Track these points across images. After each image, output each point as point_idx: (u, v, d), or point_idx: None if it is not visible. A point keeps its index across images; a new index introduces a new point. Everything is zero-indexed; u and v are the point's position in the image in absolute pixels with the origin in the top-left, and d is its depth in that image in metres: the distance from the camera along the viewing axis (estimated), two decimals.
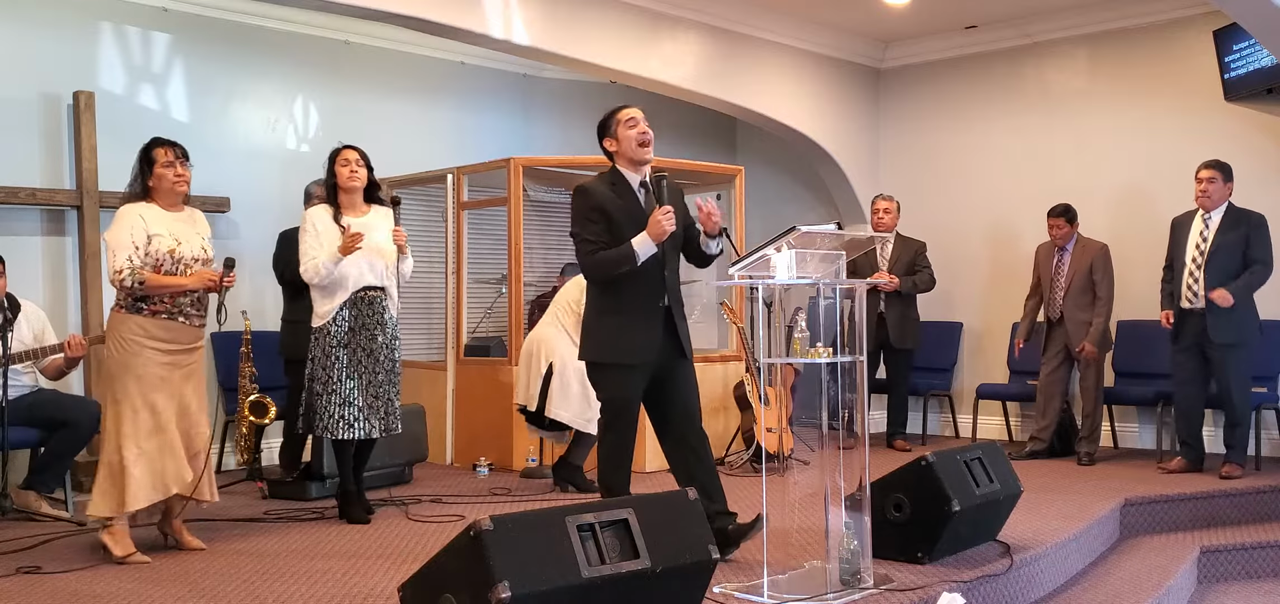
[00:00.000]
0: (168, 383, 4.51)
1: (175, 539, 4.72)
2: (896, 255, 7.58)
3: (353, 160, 5.16)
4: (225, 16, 7.14)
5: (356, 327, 5.11)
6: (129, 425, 4.43)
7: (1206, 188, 6.30)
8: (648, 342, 4.24)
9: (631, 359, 4.23)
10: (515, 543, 3.03)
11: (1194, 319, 6.30)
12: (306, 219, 5.14)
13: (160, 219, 4.54)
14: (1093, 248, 7.01)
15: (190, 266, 4.56)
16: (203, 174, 6.78)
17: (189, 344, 4.60)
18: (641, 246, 4.15)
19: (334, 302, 5.08)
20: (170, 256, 4.51)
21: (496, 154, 7.55)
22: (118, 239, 4.46)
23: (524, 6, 6.73)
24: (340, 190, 5.16)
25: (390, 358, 5.20)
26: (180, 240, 4.55)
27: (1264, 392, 6.83)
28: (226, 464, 6.94)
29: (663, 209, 4.15)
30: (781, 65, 8.27)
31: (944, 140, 8.72)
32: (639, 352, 4.23)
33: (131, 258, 4.42)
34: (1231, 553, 5.44)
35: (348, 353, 5.09)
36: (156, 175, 4.56)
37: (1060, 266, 7.06)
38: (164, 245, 4.49)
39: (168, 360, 4.52)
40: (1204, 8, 7.20)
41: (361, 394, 5.10)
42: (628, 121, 4.29)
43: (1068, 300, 6.97)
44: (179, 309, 4.55)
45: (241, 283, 6.99)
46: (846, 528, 3.90)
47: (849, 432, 3.99)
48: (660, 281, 4.25)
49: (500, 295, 7.29)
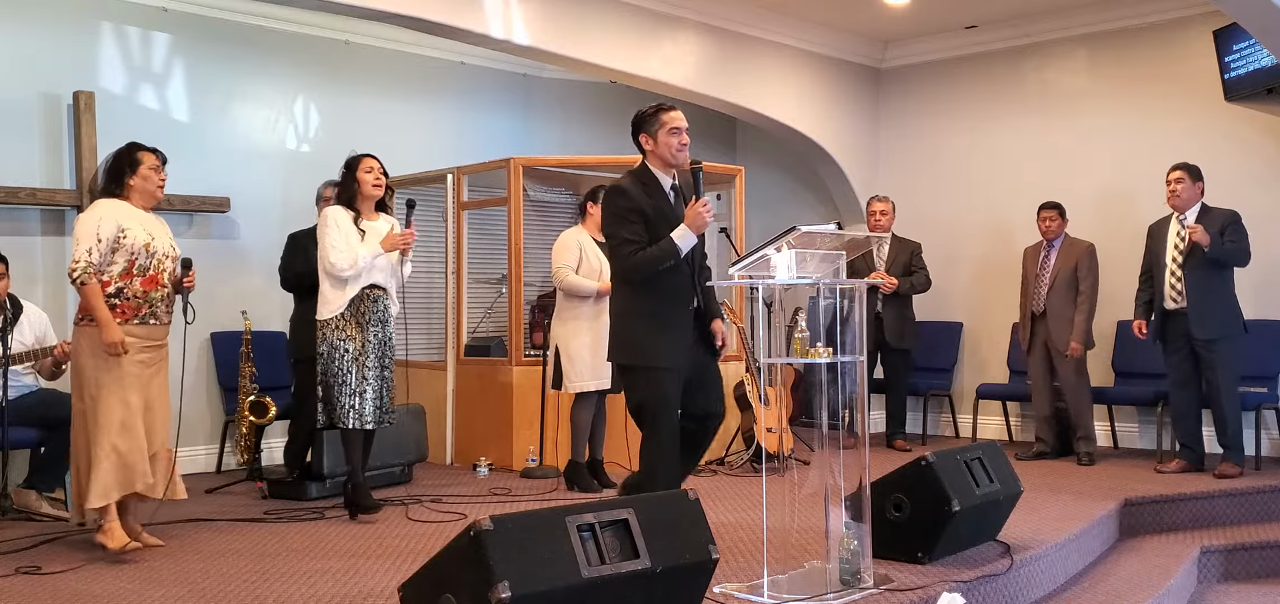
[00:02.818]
0: (137, 379, 4.56)
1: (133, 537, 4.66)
2: (893, 256, 7.59)
3: (377, 168, 5.31)
4: (225, 16, 7.14)
5: (361, 321, 5.23)
6: (103, 421, 4.47)
7: (1175, 189, 6.39)
8: (679, 343, 4.22)
9: (663, 361, 4.19)
10: (515, 543, 3.03)
11: (1178, 319, 6.34)
12: (329, 216, 5.26)
13: (133, 215, 4.61)
14: (1079, 246, 7.07)
15: (163, 261, 4.63)
16: (203, 174, 6.83)
17: (159, 342, 4.68)
18: (682, 240, 4.18)
19: (345, 295, 5.21)
20: (145, 250, 4.57)
21: (496, 154, 7.55)
22: (84, 231, 4.51)
23: (524, 6, 6.73)
24: (361, 196, 5.29)
25: (389, 353, 5.34)
26: (153, 236, 4.63)
27: (1264, 392, 6.84)
28: (227, 464, 6.94)
29: (701, 201, 4.17)
30: (781, 65, 8.27)
31: (944, 140, 8.72)
32: (671, 354, 4.20)
33: (91, 251, 4.46)
34: (1231, 553, 5.44)
35: (354, 346, 5.19)
36: (142, 177, 4.65)
37: (1046, 263, 7.12)
38: (139, 239, 4.55)
39: (140, 358, 4.57)
40: (1204, 8, 7.20)
41: (367, 383, 5.22)
42: (672, 128, 4.28)
43: (1052, 296, 7.02)
44: (151, 311, 4.61)
45: (242, 283, 7.02)
46: (846, 528, 3.90)
47: (849, 432, 3.99)
48: (691, 282, 4.29)
49: (500, 295, 7.29)
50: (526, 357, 6.79)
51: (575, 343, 6.03)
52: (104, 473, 4.44)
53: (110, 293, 4.51)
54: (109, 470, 4.45)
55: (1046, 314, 7.02)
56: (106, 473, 4.45)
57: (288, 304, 6.28)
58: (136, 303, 4.57)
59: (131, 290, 4.56)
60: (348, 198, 5.31)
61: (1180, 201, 6.38)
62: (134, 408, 4.52)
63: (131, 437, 4.51)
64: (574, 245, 6.09)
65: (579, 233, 6.19)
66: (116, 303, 4.52)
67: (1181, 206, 6.38)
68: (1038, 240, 7.26)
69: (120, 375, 4.50)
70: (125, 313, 4.54)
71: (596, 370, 6.02)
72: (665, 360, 4.19)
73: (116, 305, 4.52)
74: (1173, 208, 6.43)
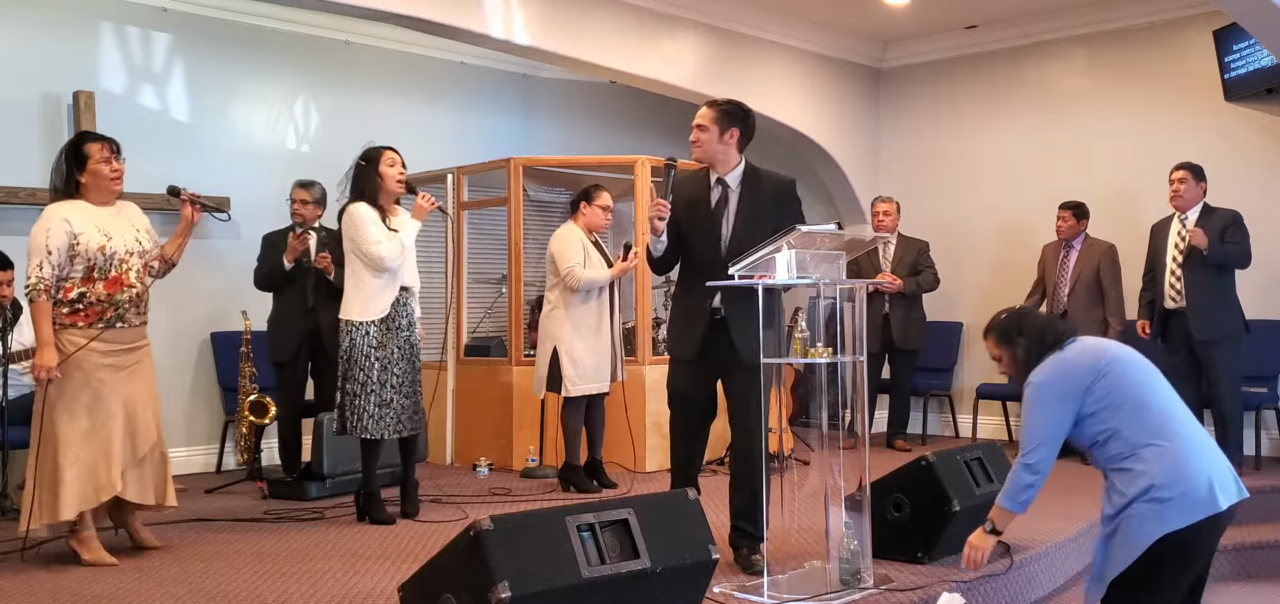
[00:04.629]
0: (108, 385, 4.37)
1: (135, 539, 4.65)
2: (899, 255, 7.58)
3: (400, 162, 5.12)
4: (225, 16, 7.14)
5: (392, 325, 5.09)
6: (65, 430, 4.30)
7: (1178, 189, 6.39)
8: (692, 339, 4.23)
9: (678, 353, 4.31)
10: (515, 543, 3.03)
11: (1178, 319, 6.34)
12: (360, 212, 5.01)
13: (87, 216, 4.36)
14: (1100, 247, 7.05)
15: (125, 261, 4.40)
16: (203, 174, 6.83)
17: (130, 344, 4.46)
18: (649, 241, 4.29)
19: (387, 298, 5.04)
20: (101, 254, 4.34)
21: (496, 154, 7.55)
22: (35, 243, 4.29)
23: (524, 6, 6.73)
24: (384, 191, 5.07)
25: (414, 356, 5.19)
26: (109, 236, 4.37)
27: (1264, 392, 6.84)
28: (226, 464, 6.94)
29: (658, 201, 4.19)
30: (781, 65, 8.27)
31: (944, 140, 8.72)
32: (684, 347, 4.28)
33: (41, 266, 4.24)
34: (1232, 553, 5.44)
35: (384, 352, 5.05)
36: (92, 172, 4.38)
37: (1066, 263, 7.10)
38: (92, 242, 4.32)
39: (108, 363, 4.37)
40: (1204, 8, 7.20)
41: (395, 392, 5.08)
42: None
43: (1073, 298, 7.01)
44: (118, 314, 4.40)
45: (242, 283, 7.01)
46: (846, 528, 3.90)
47: (849, 432, 3.99)
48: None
49: (500, 295, 7.29)
50: (526, 357, 6.78)
51: (579, 345, 5.96)
52: (68, 484, 4.28)
53: (72, 299, 4.31)
54: (74, 481, 4.29)
55: (1067, 316, 6.97)
56: (71, 484, 4.28)
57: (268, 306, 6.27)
58: (101, 307, 4.35)
59: (94, 295, 4.34)
60: (369, 194, 5.05)
61: (1182, 201, 6.37)
62: (107, 415, 4.33)
63: (98, 446, 4.34)
64: (578, 244, 6.00)
65: (576, 230, 6.09)
66: (80, 308, 4.32)
67: (1184, 206, 6.38)
68: (1051, 239, 7.23)
69: (87, 383, 4.31)
70: (90, 317, 4.33)
71: (598, 372, 6.00)
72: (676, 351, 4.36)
73: (80, 311, 4.32)
74: (1175, 208, 6.43)
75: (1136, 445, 3.31)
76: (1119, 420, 3.35)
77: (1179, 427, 3.35)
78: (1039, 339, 3.56)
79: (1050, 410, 3.43)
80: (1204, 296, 6.24)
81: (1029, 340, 3.57)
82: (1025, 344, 3.57)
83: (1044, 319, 3.71)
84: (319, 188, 6.15)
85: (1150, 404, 3.37)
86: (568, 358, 5.94)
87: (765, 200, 4.21)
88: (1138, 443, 3.31)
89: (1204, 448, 3.35)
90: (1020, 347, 3.58)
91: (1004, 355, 3.66)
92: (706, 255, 4.17)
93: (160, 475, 4.60)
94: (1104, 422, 3.37)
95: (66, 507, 4.30)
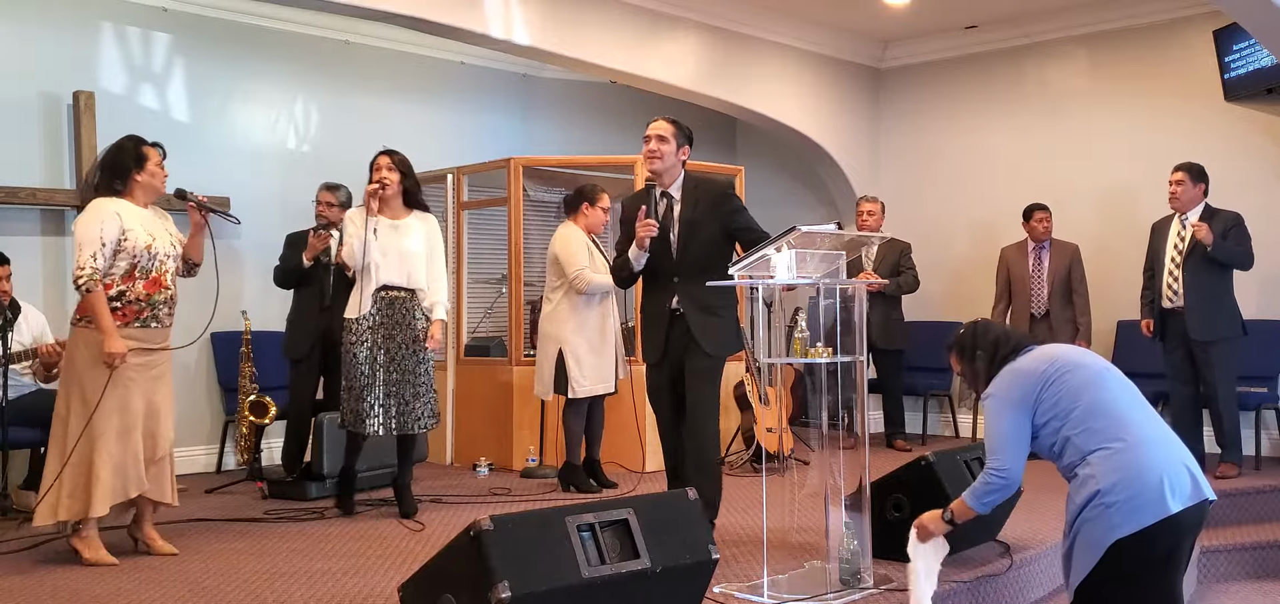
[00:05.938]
0: (138, 384, 4.42)
1: (145, 545, 4.63)
2: (881, 256, 7.57)
3: (384, 165, 5.21)
4: (225, 16, 7.14)
5: (378, 324, 5.16)
6: (101, 426, 4.34)
7: (1175, 191, 6.37)
8: (656, 342, 4.56)
9: (647, 357, 4.63)
10: (515, 543, 3.03)
11: (1176, 319, 6.34)
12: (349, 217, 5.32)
13: (134, 215, 4.44)
14: (1069, 248, 7.22)
15: (164, 262, 4.48)
16: (203, 174, 6.81)
17: (160, 345, 4.52)
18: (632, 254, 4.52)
19: (362, 295, 5.16)
20: (147, 252, 4.41)
21: (496, 154, 7.55)
22: (87, 235, 4.33)
23: (524, 6, 6.73)
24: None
25: (411, 358, 5.19)
26: (154, 236, 4.46)
27: (1264, 392, 6.84)
28: (227, 464, 6.94)
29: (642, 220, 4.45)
30: (782, 65, 8.27)
31: (944, 140, 8.72)
32: (649, 350, 4.61)
33: (95, 256, 4.30)
34: (1231, 553, 5.44)
35: (367, 349, 5.12)
36: (149, 173, 4.50)
37: (1040, 265, 7.21)
38: (140, 241, 4.40)
39: (138, 362, 4.42)
40: (1204, 8, 7.20)
41: (384, 390, 5.14)
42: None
43: (1053, 299, 7.15)
44: (153, 313, 4.46)
45: (242, 283, 7.02)
46: (846, 528, 3.90)
47: (848, 432, 3.99)
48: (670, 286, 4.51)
49: (500, 295, 7.29)
50: (526, 357, 6.78)
51: (584, 346, 5.95)
52: (104, 481, 4.33)
53: (112, 296, 4.36)
54: (108, 478, 4.34)
55: (1049, 316, 7.04)
56: (105, 481, 4.33)
57: (287, 304, 6.27)
58: (138, 306, 4.41)
59: (134, 293, 4.40)
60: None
61: (1180, 203, 6.35)
62: (135, 413, 4.41)
63: (127, 444, 4.39)
64: (582, 246, 5.98)
65: (577, 231, 6.08)
66: (118, 307, 4.37)
67: (1182, 208, 6.35)
68: (1018, 241, 7.32)
69: (118, 380, 4.36)
70: (127, 316, 4.39)
71: (604, 373, 6.00)
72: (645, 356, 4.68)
73: (118, 308, 4.37)
74: (1173, 209, 6.41)
75: (1085, 451, 3.27)
76: (1069, 427, 3.31)
77: (1134, 428, 3.26)
78: (993, 350, 3.55)
79: (1006, 419, 3.43)
80: (1202, 297, 6.23)
81: (986, 353, 3.56)
82: (984, 357, 3.56)
83: (999, 330, 3.67)
84: (345, 191, 6.21)
85: (1101, 408, 3.30)
86: (573, 360, 5.94)
87: (705, 205, 4.51)
88: (1087, 449, 3.27)
89: (1161, 449, 3.25)
90: (980, 360, 3.57)
91: (965, 370, 3.65)
92: (660, 264, 4.52)
93: (170, 475, 4.64)
94: (1056, 430, 3.35)
95: (100, 503, 4.35)
